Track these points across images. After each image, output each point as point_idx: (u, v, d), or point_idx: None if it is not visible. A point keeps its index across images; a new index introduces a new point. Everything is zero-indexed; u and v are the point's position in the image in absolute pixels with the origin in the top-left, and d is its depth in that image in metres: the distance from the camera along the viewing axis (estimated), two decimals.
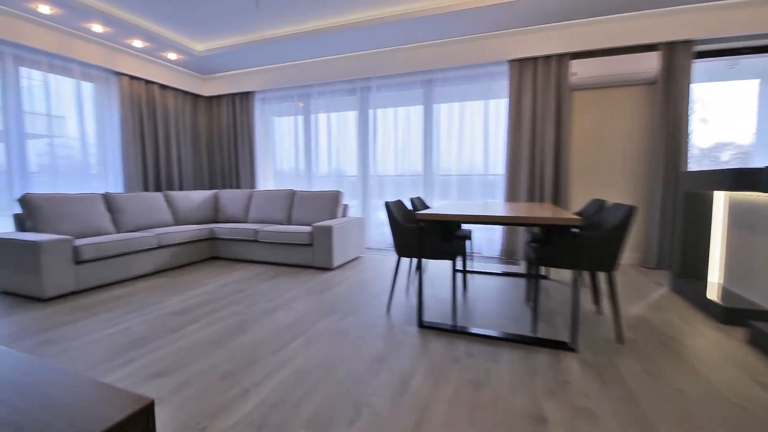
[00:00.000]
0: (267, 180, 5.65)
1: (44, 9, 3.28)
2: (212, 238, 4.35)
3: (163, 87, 5.08)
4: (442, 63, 4.35)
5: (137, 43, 4.20)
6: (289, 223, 4.57)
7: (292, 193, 4.66)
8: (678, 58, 3.61)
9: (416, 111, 4.76)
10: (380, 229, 5.08)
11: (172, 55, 4.60)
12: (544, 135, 4.08)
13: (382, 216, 5.08)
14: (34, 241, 2.70)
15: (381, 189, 5.02)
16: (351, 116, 5.08)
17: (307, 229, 3.88)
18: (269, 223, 4.50)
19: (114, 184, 4.57)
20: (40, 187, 3.87)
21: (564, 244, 2.13)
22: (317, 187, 5.35)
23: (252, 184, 5.57)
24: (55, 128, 3.98)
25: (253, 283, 3.29)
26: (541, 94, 4.06)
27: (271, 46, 4.42)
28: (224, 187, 5.80)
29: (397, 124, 4.86)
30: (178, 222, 4.47)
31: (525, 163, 4.15)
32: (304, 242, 3.81)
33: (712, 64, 3.75)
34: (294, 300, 2.83)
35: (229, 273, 3.68)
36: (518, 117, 4.21)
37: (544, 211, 2.23)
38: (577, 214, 2.87)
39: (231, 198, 4.93)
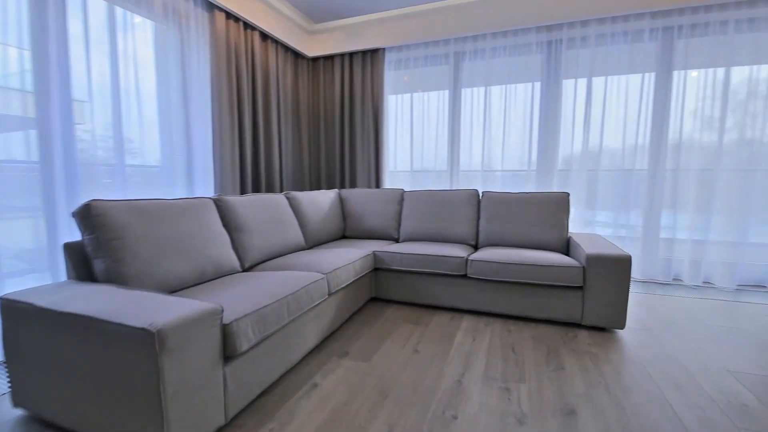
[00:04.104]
0: (382, 181, 3.98)
1: None
2: (373, 269, 2.71)
3: (264, 37, 3.44)
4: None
5: None
6: (476, 242, 2.93)
7: (477, 196, 3.01)
8: None
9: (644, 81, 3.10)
10: None
11: None
12: None
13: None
14: (143, 330, 1.05)
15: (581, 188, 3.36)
16: (525, 90, 3.37)
17: (571, 261, 2.24)
18: (441, 243, 2.87)
19: (202, 185, 2.94)
20: (90, 194, 2.22)
21: None
22: (460, 186, 3.70)
23: (376, 183, 3.92)
24: (115, 100, 2.32)
25: (559, 389, 1.65)
26: None
27: None
28: (330, 186, 4.16)
29: (610, 98, 3.14)
30: (308, 241, 2.84)
31: None
32: (567, 283, 2.17)
33: None
34: None
35: (439, 338, 2.04)
36: None
37: None
38: None
39: (366, 202, 3.30)
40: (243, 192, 3.26)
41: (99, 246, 1.52)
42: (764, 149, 2.79)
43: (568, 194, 2.74)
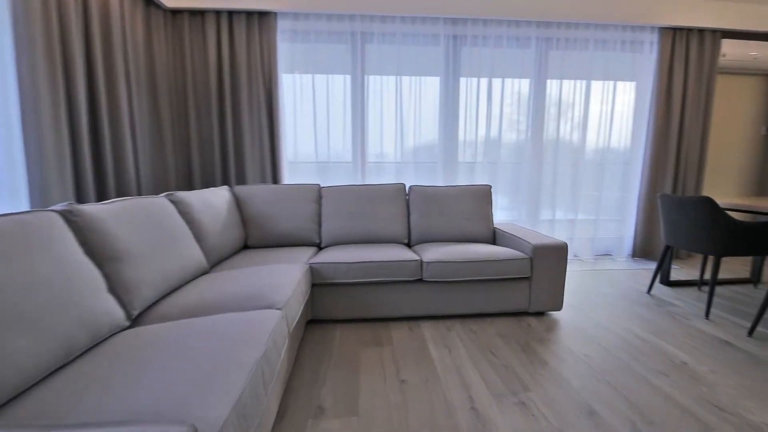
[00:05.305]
0: (280, 176, 3.35)
1: None
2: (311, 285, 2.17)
3: None
4: (565, 15, 3.20)
5: None
6: (409, 240, 2.75)
7: (404, 190, 2.82)
8: None
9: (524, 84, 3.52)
10: None
11: None
12: (691, 123, 3.51)
13: None
14: None
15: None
16: (431, 83, 3.36)
17: (520, 253, 2.29)
18: (374, 244, 2.58)
19: (3, 191, 1.78)
20: None
21: None
22: (369, 180, 3.48)
23: (273, 177, 3.27)
24: None
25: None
26: (693, 75, 3.45)
27: None
28: (206, 184, 3.26)
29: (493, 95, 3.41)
30: (209, 259, 2.08)
31: (672, 154, 3.52)
32: (518, 274, 2.21)
33: None
34: None
35: (414, 356, 1.79)
36: (667, 100, 3.50)
37: None
38: None
39: (273, 201, 2.69)
40: (81, 200, 2.16)
41: None
42: (613, 147, 3.55)
43: (490, 186, 2.84)
